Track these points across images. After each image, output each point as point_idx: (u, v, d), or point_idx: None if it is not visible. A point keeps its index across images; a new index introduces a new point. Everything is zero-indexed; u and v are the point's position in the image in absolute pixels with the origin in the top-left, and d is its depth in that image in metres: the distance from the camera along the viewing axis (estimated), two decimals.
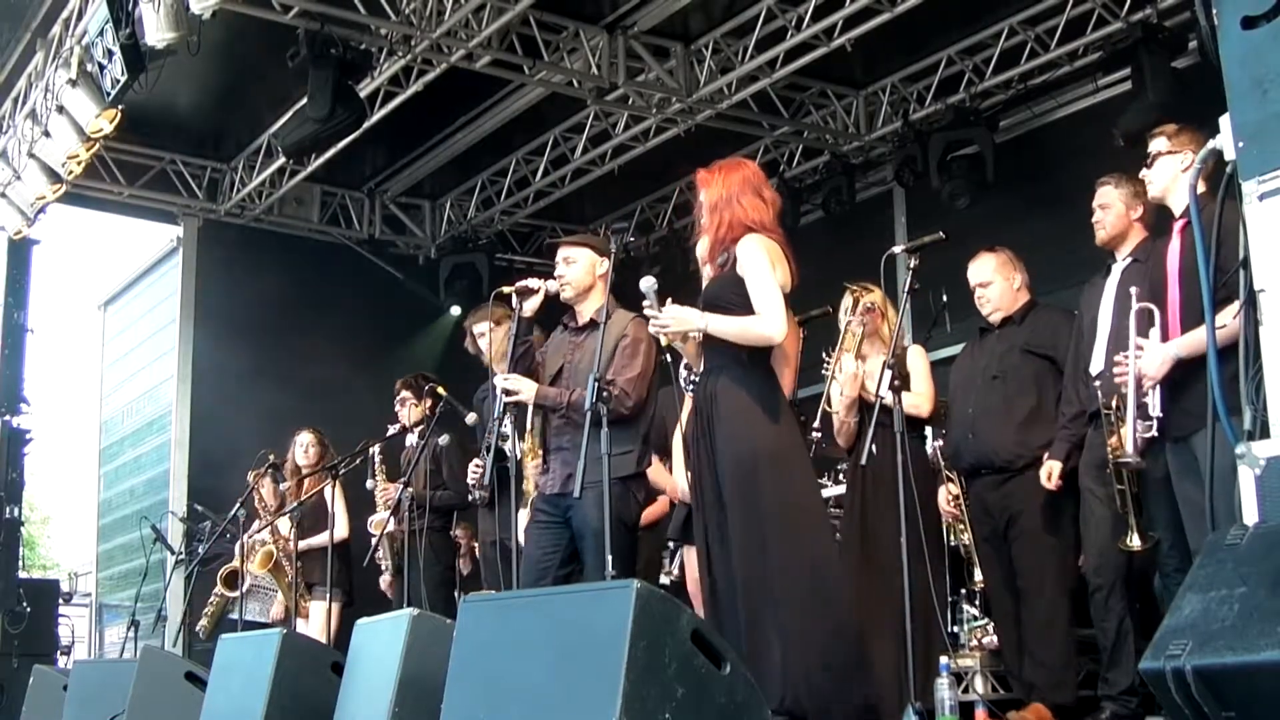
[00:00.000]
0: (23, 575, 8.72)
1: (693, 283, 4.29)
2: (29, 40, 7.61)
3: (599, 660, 2.79)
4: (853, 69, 8.24)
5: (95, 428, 11.23)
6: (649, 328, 4.07)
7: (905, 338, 5.68)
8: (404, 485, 6.00)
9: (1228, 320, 2.95)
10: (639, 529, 4.83)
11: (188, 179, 9.45)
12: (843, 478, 5.99)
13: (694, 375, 4.21)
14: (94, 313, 11.43)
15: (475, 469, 5.45)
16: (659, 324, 3.96)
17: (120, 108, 6.96)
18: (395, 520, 6.12)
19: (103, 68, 6.74)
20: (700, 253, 4.20)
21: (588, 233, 8.09)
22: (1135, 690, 4.40)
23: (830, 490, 6.08)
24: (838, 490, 6.06)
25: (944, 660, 4.14)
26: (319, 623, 6.94)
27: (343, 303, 9.79)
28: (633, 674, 2.69)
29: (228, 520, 6.90)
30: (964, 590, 5.53)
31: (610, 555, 3.94)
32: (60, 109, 7.04)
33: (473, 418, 5.85)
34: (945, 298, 6.03)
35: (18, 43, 7.69)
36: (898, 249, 4.49)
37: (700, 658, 2.86)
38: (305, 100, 7.29)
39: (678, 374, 4.61)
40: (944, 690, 4.01)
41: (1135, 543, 4.17)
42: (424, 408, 6.49)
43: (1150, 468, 3.92)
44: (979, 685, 5.21)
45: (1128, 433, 3.91)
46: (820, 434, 5.20)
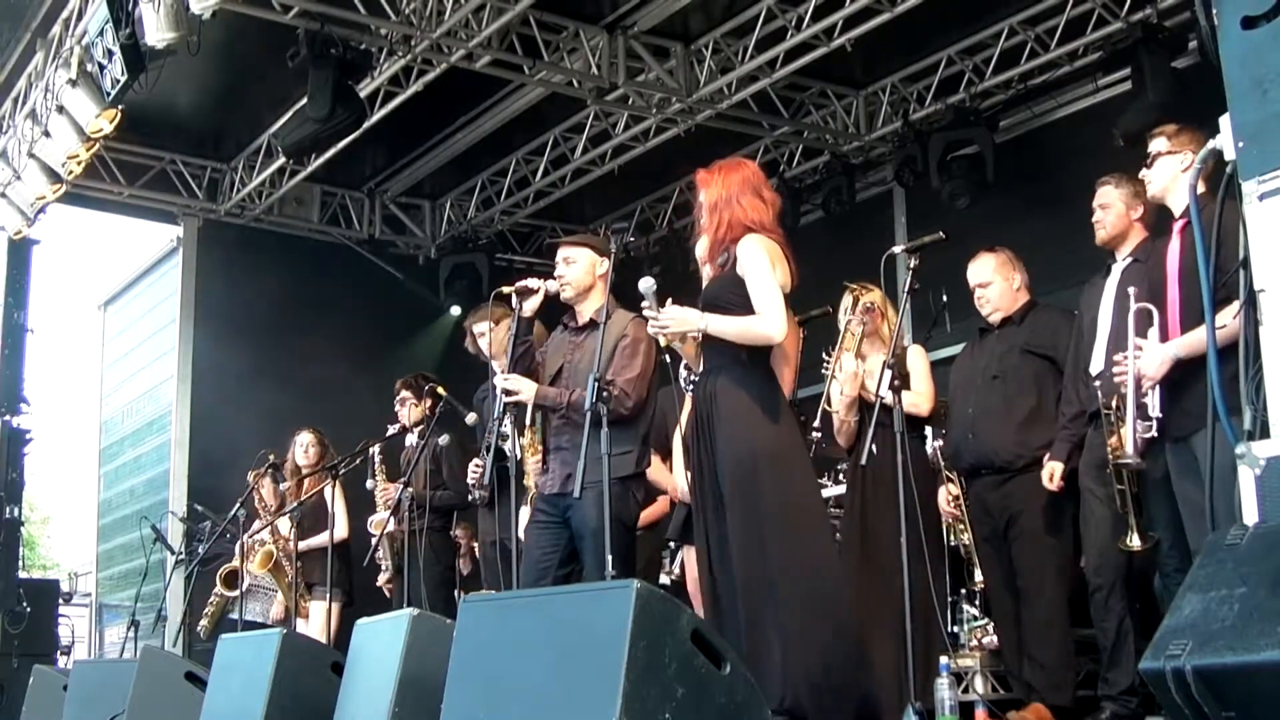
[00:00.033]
0: (23, 575, 8.72)
1: (693, 283, 4.29)
2: (29, 40, 7.60)
3: (599, 660, 2.79)
4: (853, 69, 8.23)
5: (95, 428, 11.23)
6: (648, 328, 4.07)
7: (905, 337, 5.68)
8: (404, 485, 6.00)
9: (1228, 320, 2.95)
10: (639, 529, 4.84)
11: (188, 179, 9.44)
12: (843, 478, 5.99)
13: (694, 375, 4.21)
14: (94, 313, 11.45)
15: (475, 469, 5.46)
16: (658, 324, 3.96)
17: (120, 108, 6.96)
18: (395, 520, 6.11)
19: (103, 68, 6.74)
20: (700, 253, 4.20)
21: (588, 233, 8.07)
22: (1135, 690, 4.40)
23: (830, 490, 6.08)
24: (838, 490, 6.06)
25: (944, 660, 4.14)
26: (319, 623, 6.94)
27: (343, 303, 9.78)
28: (633, 674, 2.69)
29: (228, 520, 6.90)
30: (964, 590, 5.52)
31: (610, 555, 3.94)
32: (60, 109, 7.04)
33: (473, 418, 5.85)
34: (945, 298, 6.03)
35: (18, 43, 7.69)
36: (898, 249, 4.49)
37: (700, 658, 2.86)
38: (305, 100, 7.29)
39: (678, 374, 4.61)
40: (944, 690, 4.01)
41: (1135, 543, 4.17)
42: (424, 408, 6.50)
43: (1150, 468, 3.91)
44: (979, 685, 5.21)
45: (1127, 433, 3.91)
46: (820, 434, 5.20)
